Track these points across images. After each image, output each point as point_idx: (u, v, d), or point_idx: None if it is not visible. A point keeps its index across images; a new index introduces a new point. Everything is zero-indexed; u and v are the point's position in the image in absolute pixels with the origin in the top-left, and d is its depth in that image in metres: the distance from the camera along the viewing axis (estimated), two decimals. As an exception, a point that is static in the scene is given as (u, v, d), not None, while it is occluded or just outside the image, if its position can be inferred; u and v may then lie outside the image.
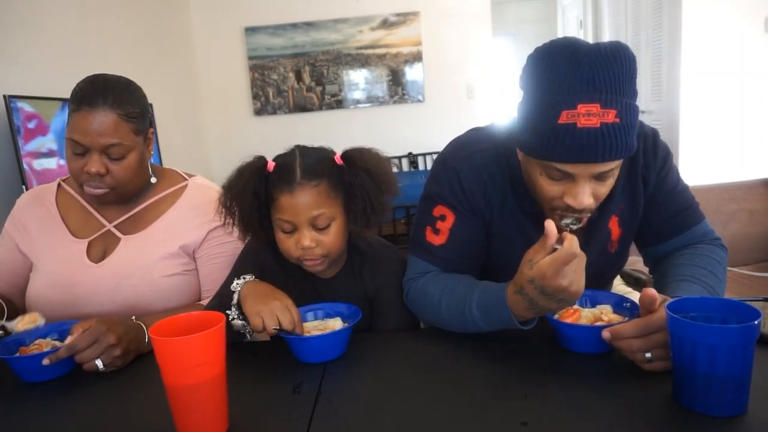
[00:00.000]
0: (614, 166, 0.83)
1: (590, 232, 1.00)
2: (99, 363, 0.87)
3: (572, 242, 0.72)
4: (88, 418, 0.76)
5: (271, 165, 0.95)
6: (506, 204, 1.00)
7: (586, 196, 0.83)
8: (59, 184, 1.21)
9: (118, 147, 1.03)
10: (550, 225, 0.73)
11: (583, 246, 1.01)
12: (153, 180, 1.18)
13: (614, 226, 1.02)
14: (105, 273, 1.10)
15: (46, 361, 0.84)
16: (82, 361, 0.87)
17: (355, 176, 0.94)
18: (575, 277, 0.73)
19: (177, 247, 1.13)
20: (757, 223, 2.21)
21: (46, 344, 0.92)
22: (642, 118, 3.93)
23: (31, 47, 2.31)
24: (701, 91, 3.35)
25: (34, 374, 0.87)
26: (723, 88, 3.33)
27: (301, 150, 0.97)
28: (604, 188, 0.86)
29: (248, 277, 0.93)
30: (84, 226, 1.15)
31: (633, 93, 0.81)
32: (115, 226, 1.14)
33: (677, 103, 3.44)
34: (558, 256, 0.71)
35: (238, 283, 0.91)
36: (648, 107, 3.89)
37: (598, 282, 1.14)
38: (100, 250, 1.13)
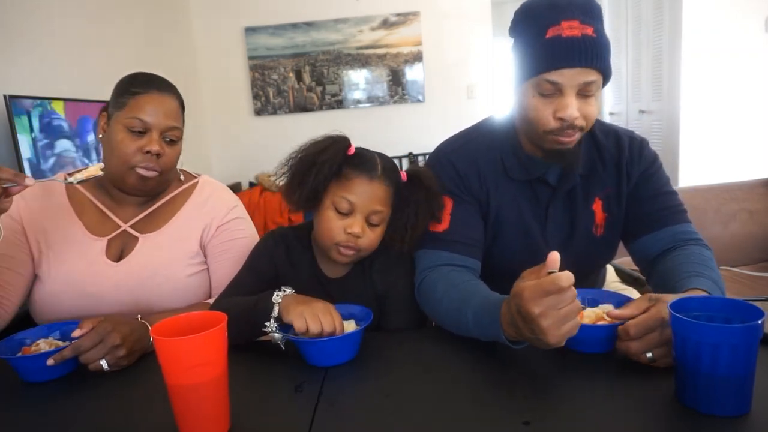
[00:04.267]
0: (595, 78, 0.92)
1: (575, 212, 1.07)
2: (103, 363, 0.86)
3: (564, 276, 0.66)
4: (89, 418, 0.76)
5: (352, 149, 1.00)
6: (500, 185, 1.06)
7: (574, 107, 0.93)
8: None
9: (177, 131, 1.10)
10: (553, 255, 0.70)
11: (570, 226, 1.08)
12: (182, 177, 1.21)
13: (598, 209, 1.09)
14: (126, 272, 1.08)
15: (50, 361, 0.84)
16: (87, 361, 0.87)
17: (416, 194, 1.00)
18: (552, 314, 0.67)
19: (197, 245, 1.14)
20: (758, 223, 2.20)
21: (47, 344, 0.91)
22: (642, 118, 3.93)
23: (31, 47, 2.31)
24: (701, 90, 3.35)
25: (36, 374, 0.86)
26: (723, 88, 3.33)
27: (376, 153, 1.03)
28: (589, 107, 0.94)
29: (288, 290, 0.92)
30: (100, 225, 1.12)
31: (603, 27, 0.94)
32: (130, 227, 1.13)
33: (677, 103, 3.44)
34: (541, 281, 0.68)
35: (278, 295, 0.90)
36: (648, 107, 3.88)
37: (588, 268, 1.16)
38: (117, 249, 1.11)
